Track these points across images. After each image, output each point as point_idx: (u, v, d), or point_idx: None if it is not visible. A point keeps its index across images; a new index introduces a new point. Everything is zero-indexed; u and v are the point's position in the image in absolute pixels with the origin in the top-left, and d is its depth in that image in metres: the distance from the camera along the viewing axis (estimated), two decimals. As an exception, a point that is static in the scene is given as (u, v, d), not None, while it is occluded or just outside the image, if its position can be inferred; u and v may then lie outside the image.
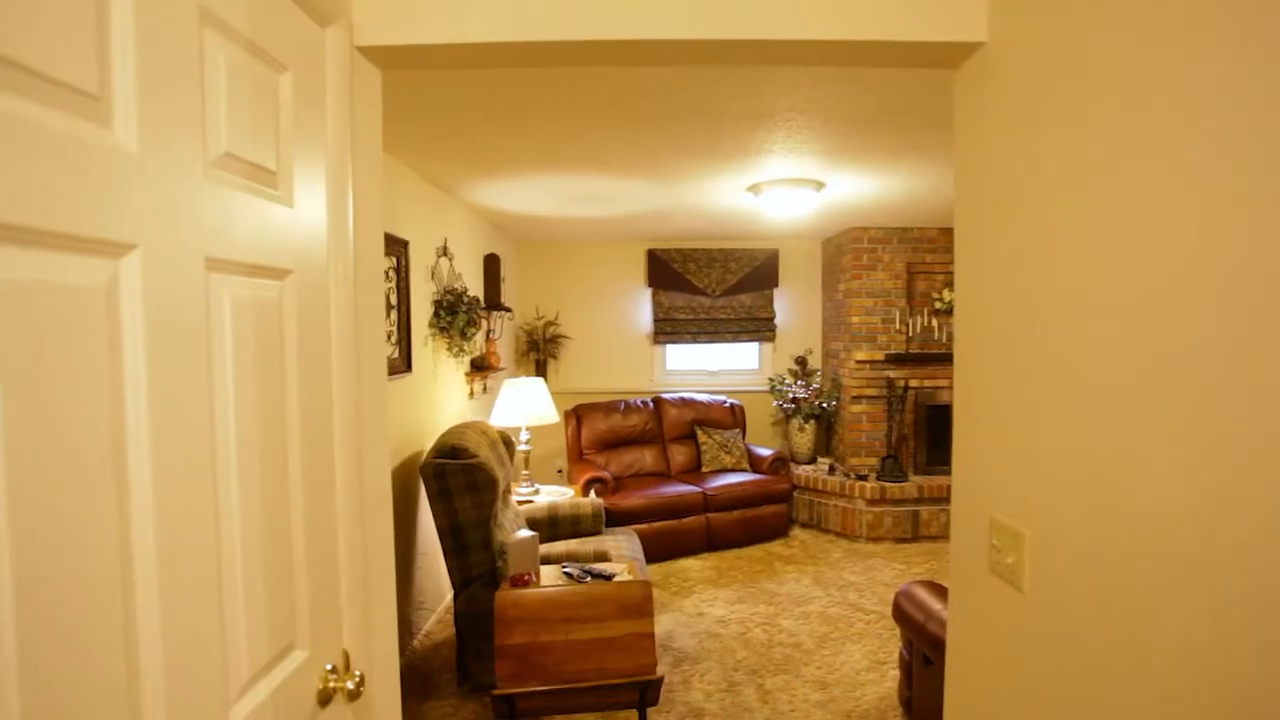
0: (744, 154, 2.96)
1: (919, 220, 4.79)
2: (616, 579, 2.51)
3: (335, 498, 1.20)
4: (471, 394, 4.26)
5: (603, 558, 2.79)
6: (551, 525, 3.54)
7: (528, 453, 4.10)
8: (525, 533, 2.57)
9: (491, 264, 4.68)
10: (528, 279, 5.86)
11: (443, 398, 3.69)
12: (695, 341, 5.87)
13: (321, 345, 1.16)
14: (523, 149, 2.93)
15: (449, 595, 3.66)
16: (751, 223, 4.81)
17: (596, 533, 3.58)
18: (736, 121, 2.51)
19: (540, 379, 4.17)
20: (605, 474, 4.46)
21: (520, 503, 3.75)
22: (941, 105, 2.33)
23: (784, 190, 3.51)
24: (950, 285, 5.10)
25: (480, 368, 4.30)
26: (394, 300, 2.98)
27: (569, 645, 2.24)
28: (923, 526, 4.78)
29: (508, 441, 3.54)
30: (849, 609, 3.68)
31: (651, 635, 2.31)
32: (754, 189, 3.63)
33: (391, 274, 2.96)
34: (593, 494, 4.29)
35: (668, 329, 5.84)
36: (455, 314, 3.62)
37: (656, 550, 4.41)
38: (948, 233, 5.06)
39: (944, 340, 5.11)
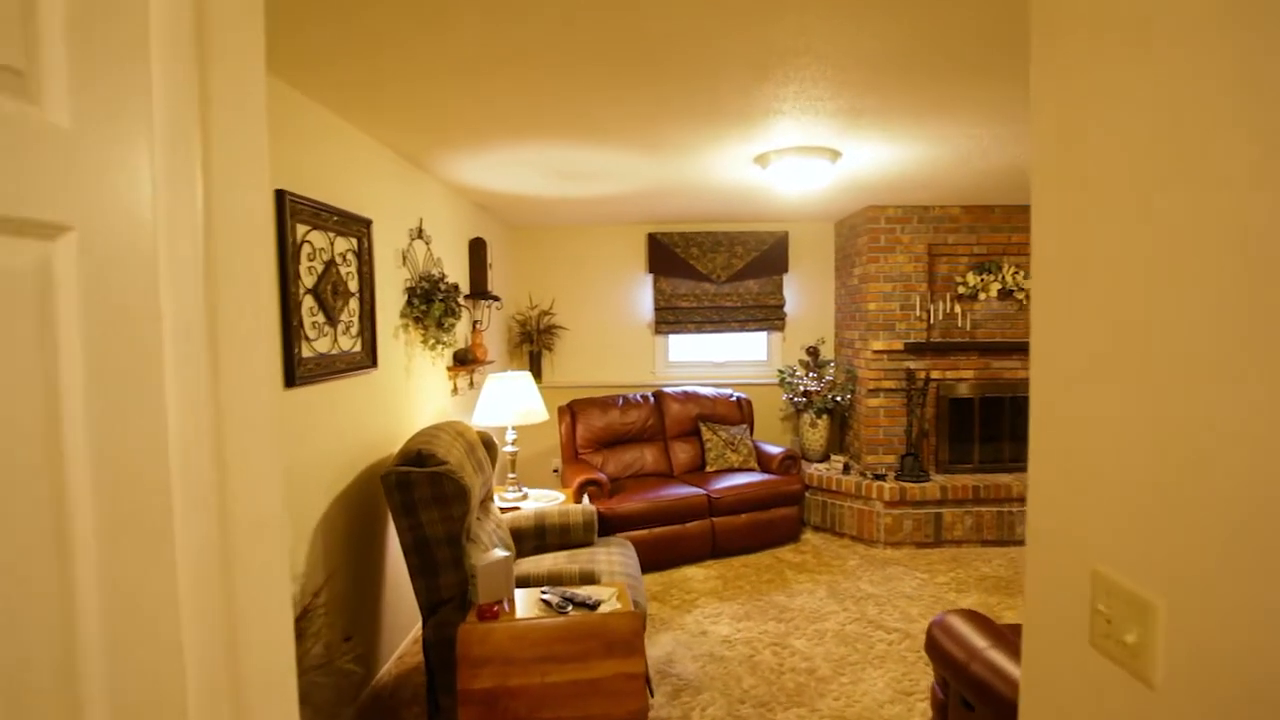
0: (749, 114, 2.59)
1: (941, 197, 4.40)
2: (604, 607, 2.17)
3: (174, 559, 0.85)
4: (455, 390, 3.93)
5: (589, 579, 2.45)
6: (538, 536, 3.21)
7: (514, 454, 3.76)
8: (498, 553, 2.23)
9: (477, 249, 4.33)
10: (520, 266, 5.51)
11: (418, 396, 3.35)
12: (699, 331, 5.51)
13: (142, 336, 0.81)
14: (498, 116, 2.57)
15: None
16: (759, 202, 4.44)
17: (588, 543, 3.24)
18: (739, 71, 2.14)
19: (527, 373, 3.82)
20: (600, 476, 4.12)
21: (505, 510, 3.42)
22: (975, 45, 1.95)
23: (795, 160, 3.14)
24: (974, 269, 4.72)
25: (464, 361, 3.96)
26: (354, 287, 2.64)
27: (545, 690, 1.91)
28: (946, 530, 4.42)
29: (489, 444, 3.20)
30: (868, 626, 3.33)
31: (642, 676, 1.97)
32: (761, 160, 3.26)
33: (351, 257, 2.62)
34: (586, 499, 3.95)
35: (670, 318, 5.48)
36: (431, 302, 3.28)
37: (657, 558, 4.08)
38: (971, 210, 4.66)
39: (967, 328, 4.73)
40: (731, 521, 4.29)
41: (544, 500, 3.70)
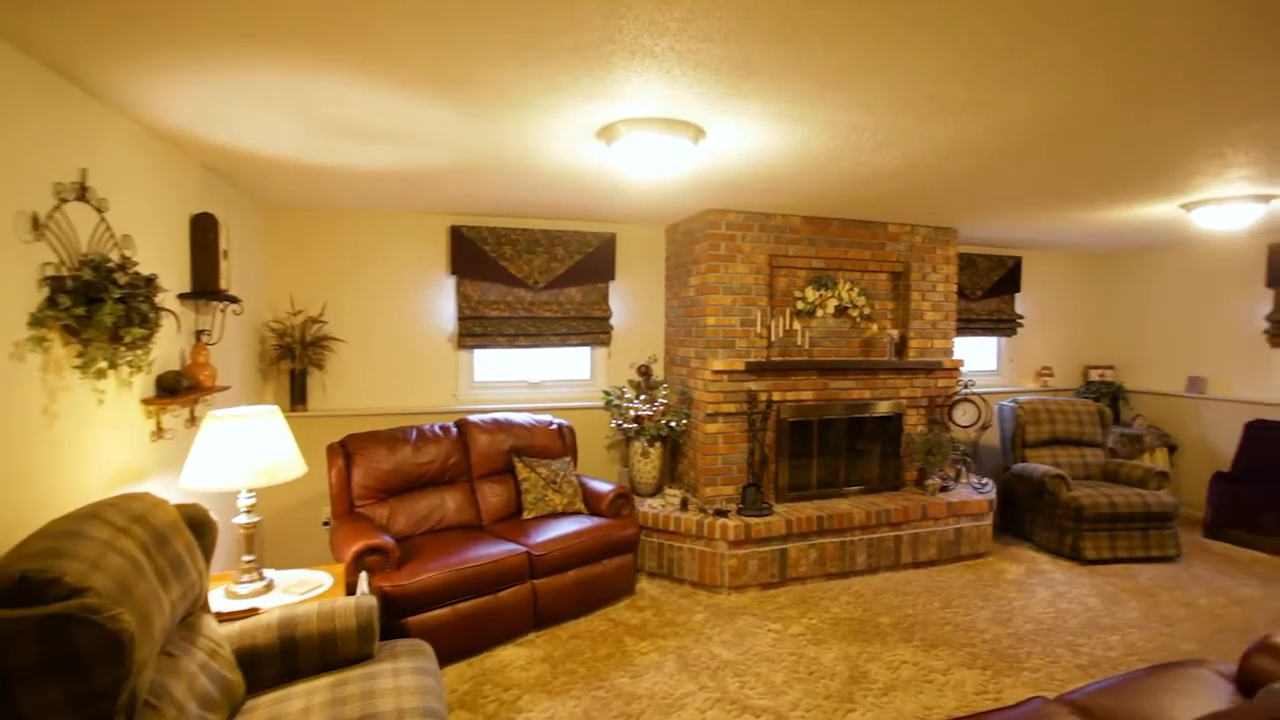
0: (608, 51, 1.84)
1: (785, 205, 4.04)
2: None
3: None
4: (159, 432, 2.66)
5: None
6: (286, 657, 2.14)
7: (253, 526, 2.60)
8: (178, 769, 1.22)
9: (203, 229, 3.06)
10: (278, 258, 4.22)
11: (75, 453, 2.10)
12: (512, 345, 4.64)
13: None
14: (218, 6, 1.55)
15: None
16: (592, 192, 3.72)
17: (365, 657, 2.24)
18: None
19: (274, 407, 2.68)
20: (385, 541, 3.08)
21: (234, 616, 2.29)
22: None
23: (651, 136, 2.46)
24: (813, 283, 4.44)
25: (174, 390, 2.70)
26: (-103, 271, 1.42)
27: None
28: (791, 567, 4.03)
29: (200, 524, 2.07)
30: (732, 709, 2.74)
31: None
32: (607, 133, 2.54)
33: (-110, 215, 1.40)
34: (364, 578, 2.90)
35: (476, 329, 4.55)
36: (99, 302, 2.06)
37: (464, 641, 3.15)
38: (812, 222, 4.39)
39: (806, 346, 4.44)
40: (558, 582, 3.50)
41: (299, 589, 2.60)
